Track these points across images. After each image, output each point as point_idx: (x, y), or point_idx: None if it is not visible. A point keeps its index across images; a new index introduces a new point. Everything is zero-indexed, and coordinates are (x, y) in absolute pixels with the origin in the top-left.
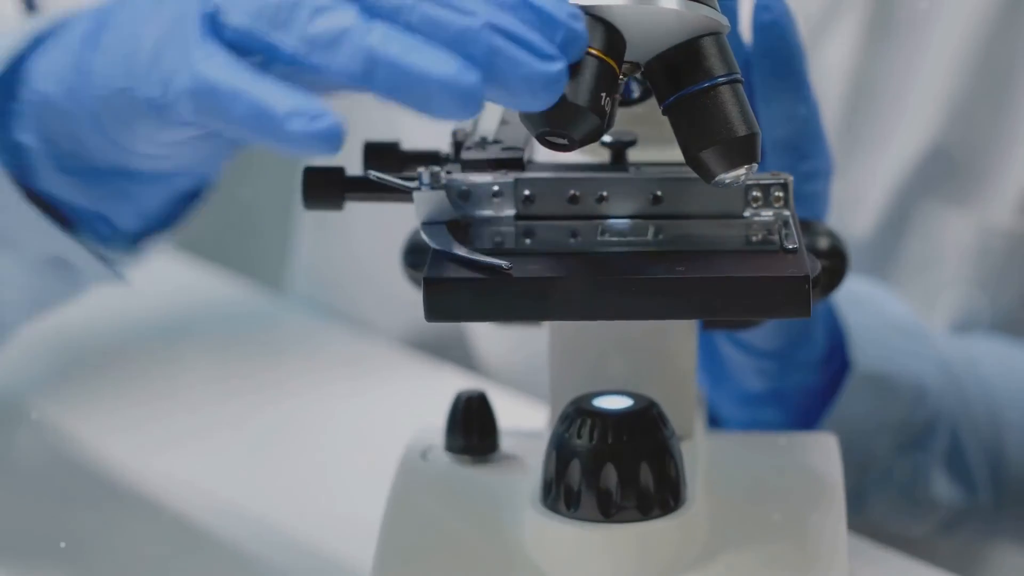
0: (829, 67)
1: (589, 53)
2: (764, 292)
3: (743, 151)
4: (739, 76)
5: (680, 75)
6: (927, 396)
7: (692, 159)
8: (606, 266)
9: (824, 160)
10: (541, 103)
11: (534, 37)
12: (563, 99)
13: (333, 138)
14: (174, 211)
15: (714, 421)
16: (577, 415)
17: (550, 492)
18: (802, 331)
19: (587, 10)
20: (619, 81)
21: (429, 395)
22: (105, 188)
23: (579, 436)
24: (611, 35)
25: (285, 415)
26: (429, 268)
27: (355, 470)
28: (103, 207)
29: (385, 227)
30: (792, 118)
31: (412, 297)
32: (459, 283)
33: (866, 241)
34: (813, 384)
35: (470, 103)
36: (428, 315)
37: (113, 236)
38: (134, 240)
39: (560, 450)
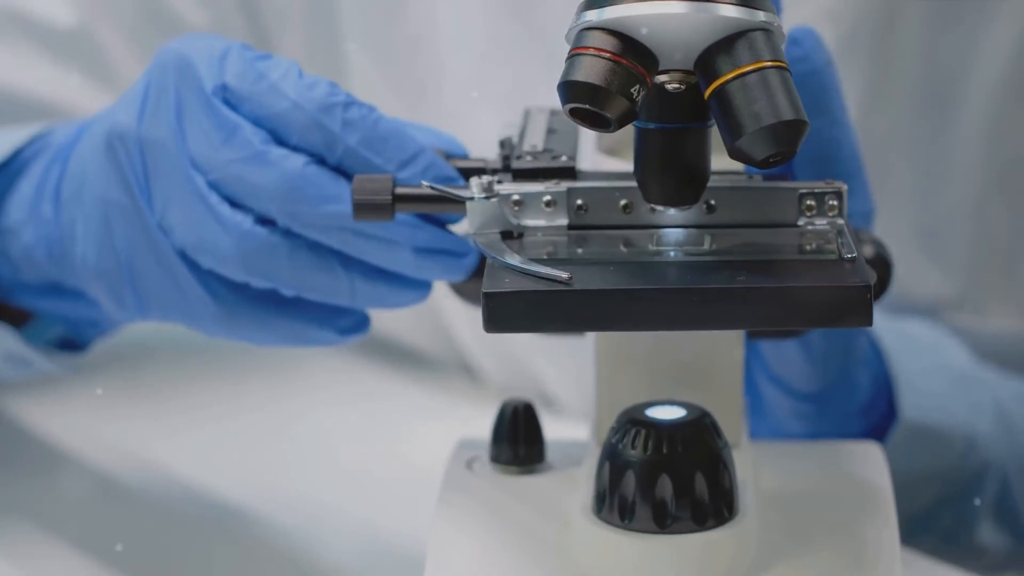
0: None
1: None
2: (826, 301)
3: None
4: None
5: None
6: (978, 445)
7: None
8: (665, 276)
9: (863, 201)
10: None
11: (451, 245)
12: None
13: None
14: None
15: None
16: (631, 425)
17: (603, 503)
18: (845, 375)
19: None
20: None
21: (431, 407)
22: (67, 303)
23: (633, 447)
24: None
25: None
26: (487, 281)
27: (374, 482)
28: (63, 313)
29: None
30: (825, 158)
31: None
32: (519, 296)
33: None
34: (853, 431)
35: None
36: (487, 327)
37: (71, 332)
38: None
39: (614, 461)
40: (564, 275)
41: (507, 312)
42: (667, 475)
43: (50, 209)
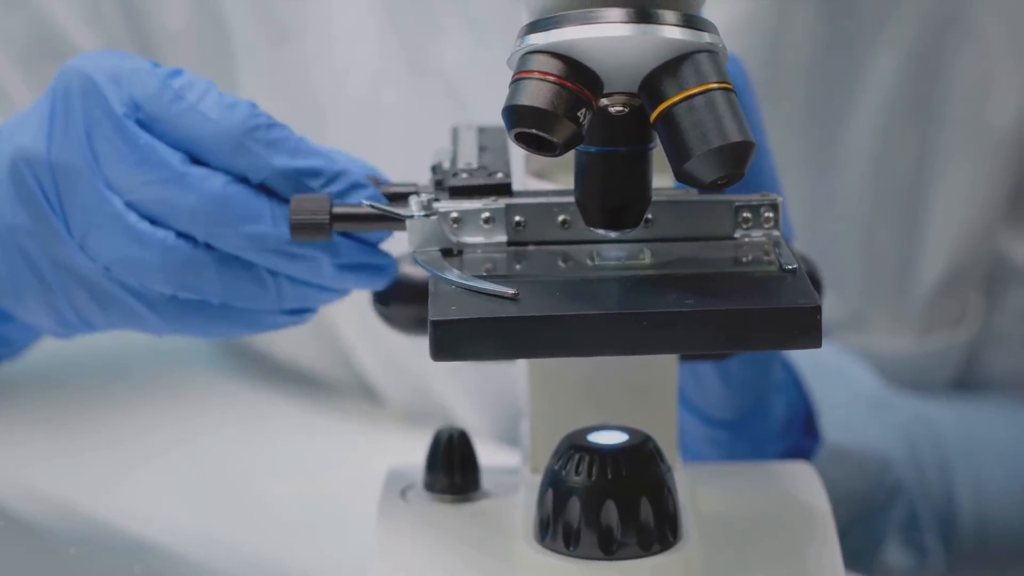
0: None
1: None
2: (776, 323)
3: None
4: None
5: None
6: (890, 467)
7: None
8: (614, 299)
9: (783, 225)
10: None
11: (372, 260)
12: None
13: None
14: None
15: None
16: (574, 451)
17: (547, 530)
18: (761, 402)
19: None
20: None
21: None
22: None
23: (577, 473)
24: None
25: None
26: (434, 308)
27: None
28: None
29: None
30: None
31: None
32: (468, 324)
33: None
34: (767, 456)
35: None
36: (436, 355)
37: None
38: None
39: (557, 487)
40: (511, 291)
41: (455, 340)
42: (612, 501)
43: None
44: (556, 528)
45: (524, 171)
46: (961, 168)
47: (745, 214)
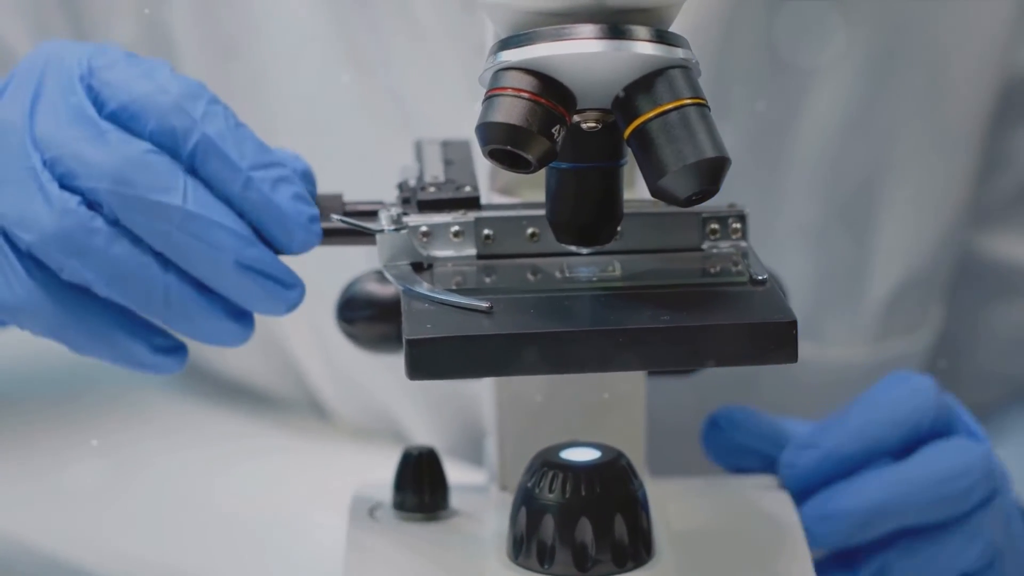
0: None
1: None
2: (753, 338)
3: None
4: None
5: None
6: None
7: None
8: (590, 315)
9: None
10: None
11: (279, 272)
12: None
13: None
14: None
15: None
16: (547, 468)
17: (521, 548)
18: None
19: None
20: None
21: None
22: None
23: (551, 490)
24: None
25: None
26: (410, 327)
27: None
28: None
29: None
30: None
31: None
32: (445, 342)
33: None
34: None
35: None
36: (411, 374)
37: None
38: None
39: (530, 505)
40: (485, 304)
41: (432, 358)
42: (587, 518)
43: None
44: (530, 546)
45: (489, 188)
46: (915, 173)
47: (713, 225)
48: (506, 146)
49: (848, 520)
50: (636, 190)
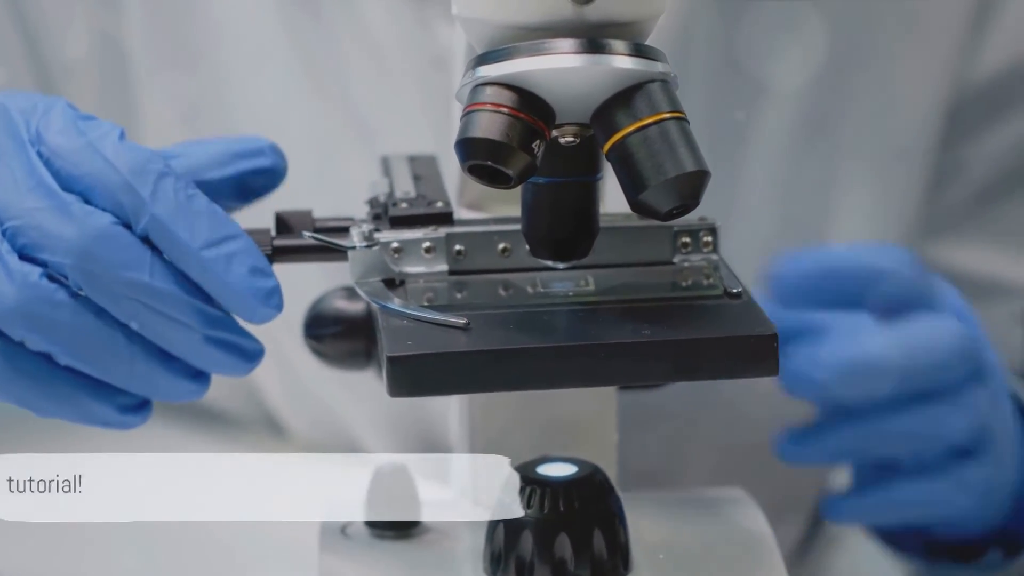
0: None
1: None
2: (734, 352)
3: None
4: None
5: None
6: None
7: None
8: (568, 330)
9: None
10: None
11: (242, 341)
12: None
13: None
14: None
15: None
16: (525, 484)
17: (499, 564)
18: None
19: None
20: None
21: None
22: None
23: (529, 506)
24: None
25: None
26: (390, 344)
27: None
28: None
29: None
30: None
31: None
32: (426, 359)
33: None
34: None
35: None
36: (392, 391)
37: None
38: None
39: (508, 521)
40: (462, 321)
41: (414, 375)
42: (565, 533)
43: None
44: (508, 562)
45: (457, 203)
46: (868, 183)
47: (684, 239)
48: (487, 161)
49: (834, 370)
50: (605, 204)
